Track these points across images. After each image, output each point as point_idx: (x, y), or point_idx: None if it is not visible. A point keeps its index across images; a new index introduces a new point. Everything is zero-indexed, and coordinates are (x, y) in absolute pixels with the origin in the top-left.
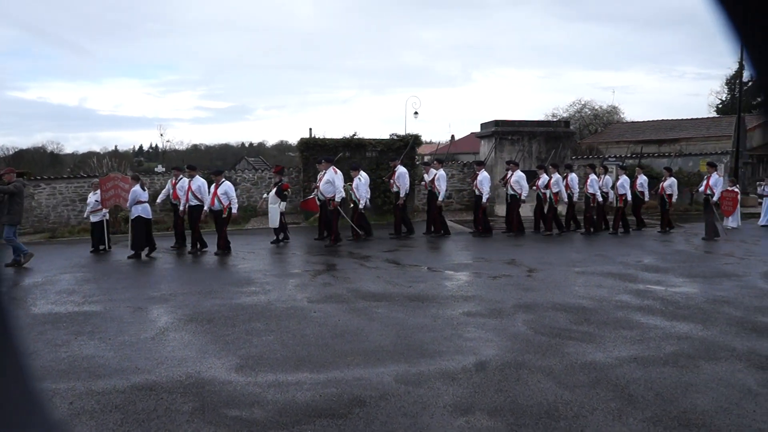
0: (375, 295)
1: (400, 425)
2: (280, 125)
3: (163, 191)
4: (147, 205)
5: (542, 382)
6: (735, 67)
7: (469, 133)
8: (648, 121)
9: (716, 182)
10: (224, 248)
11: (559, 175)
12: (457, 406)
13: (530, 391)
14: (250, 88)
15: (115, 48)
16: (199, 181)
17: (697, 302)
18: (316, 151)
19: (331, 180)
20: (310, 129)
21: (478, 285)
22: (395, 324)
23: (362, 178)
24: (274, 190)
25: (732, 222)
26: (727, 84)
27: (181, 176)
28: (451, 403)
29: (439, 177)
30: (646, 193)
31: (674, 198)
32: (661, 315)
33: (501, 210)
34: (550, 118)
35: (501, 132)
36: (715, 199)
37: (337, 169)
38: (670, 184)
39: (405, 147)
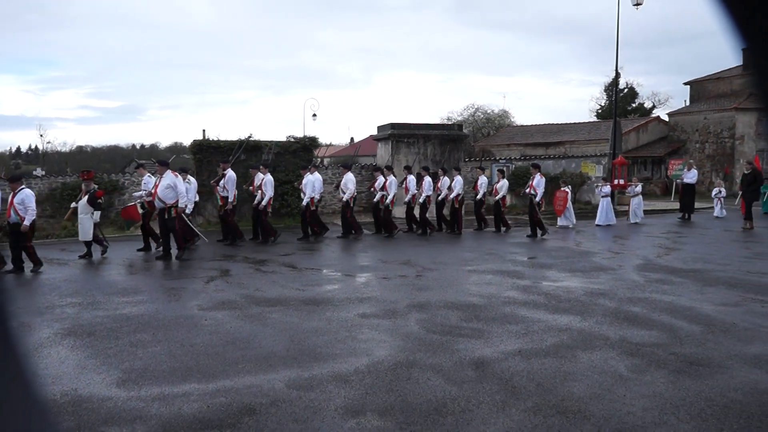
0: (269, 300)
1: (290, 431)
2: (174, 126)
3: None
4: None
5: (432, 379)
6: (612, 75)
7: (368, 135)
8: (536, 124)
9: (539, 183)
10: (36, 263)
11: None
12: (348, 408)
13: (420, 389)
14: (143, 86)
15: None
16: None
17: (576, 295)
18: (210, 154)
19: (172, 185)
20: (204, 130)
21: (373, 286)
22: (289, 329)
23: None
24: (86, 198)
25: (564, 221)
26: (605, 90)
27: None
28: (342, 406)
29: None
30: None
31: (504, 199)
32: (544, 309)
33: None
34: (445, 122)
35: (397, 135)
36: (537, 199)
37: (177, 173)
38: (501, 185)
39: (302, 149)
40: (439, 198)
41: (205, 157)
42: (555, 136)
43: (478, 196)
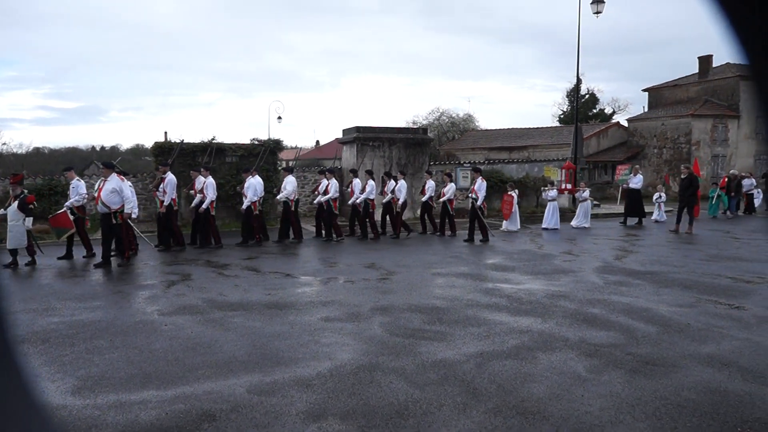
0: (232, 304)
1: None
2: (136, 128)
3: None
4: None
5: (394, 382)
6: (574, 81)
7: (333, 138)
8: (500, 129)
9: (480, 187)
10: None
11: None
12: (309, 413)
13: (383, 392)
14: (104, 87)
15: None
16: None
17: (537, 298)
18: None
19: (117, 188)
20: (166, 133)
21: (337, 290)
22: (251, 333)
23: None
24: (15, 203)
25: (510, 225)
26: (567, 96)
27: None
28: (304, 410)
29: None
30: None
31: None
32: (506, 311)
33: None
34: (411, 125)
35: (362, 138)
36: (479, 203)
37: (123, 177)
38: (447, 189)
39: (266, 152)
40: (383, 201)
41: (167, 160)
42: (519, 140)
43: (423, 198)
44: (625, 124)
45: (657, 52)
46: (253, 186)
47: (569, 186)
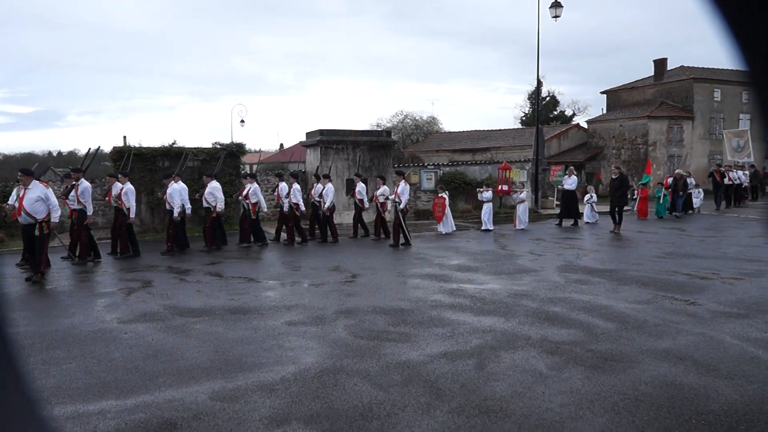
0: (194, 310)
1: None
2: (95, 133)
3: None
4: None
5: (359, 385)
6: (535, 83)
7: (298, 142)
8: (463, 131)
9: (403, 190)
10: None
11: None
12: (273, 418)
13: (347, 395)
14: (62, 91)
15: None
16: None
17: (500, 297)
18: (132, 161)
19: (42, 197)
20: (125, 137)
21: (301, 293)
22: (214, 339)
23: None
24: None
25: (443, 228)
26: (528, 98)
27: None
28: (267, 416)
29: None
30: (365, 200)
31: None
32: (470, 311)
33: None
34: (375, 128)
35: (326, 141)
36: (401, 206)
37: (47, 184)
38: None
39: (229, 156)
40: (325, 207)
41: (126, 165)
42: (481, 142)
43: (365, 204)
44: (585, 125)
45: (614, 55)
46: (177, 192)
47: (505, 187)
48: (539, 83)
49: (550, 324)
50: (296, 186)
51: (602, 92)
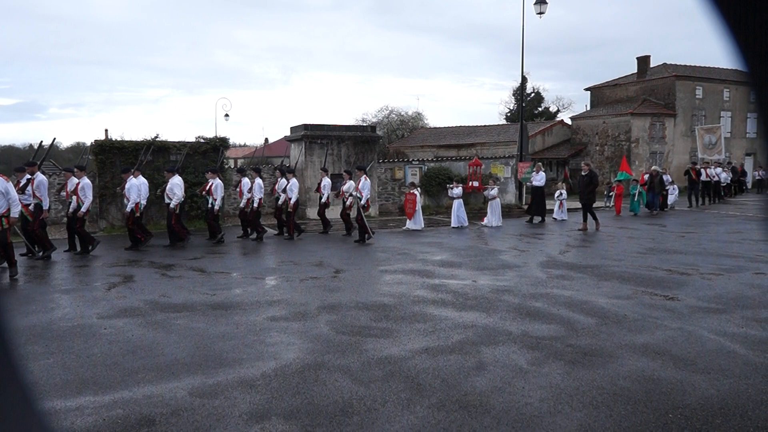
0: (175, 305)
1: None
2: (77, 125)
3: None
4: None
5: (340, 380)
6: (519, 80)
7: (282, 136)
8: (448, 126)
9: (364, 185)
10: None
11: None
12: (253, 414)
13: (327, 390)
14: (43, 83)
15: None
16: None
17: (483, 293)
18: (113, 155)
19: (2, 191)
20: (106, 130)
21: (284, 289)
22: (195, 335)
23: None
24: None
25: (413, 224)
26: (514, 95)
27: None
28: (247, 412)
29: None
30: (326, 195)
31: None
32: (452, 306)
33: (312, 213)
34: (360, 123)
35: (310, 136)
36: (362, 202)
37: (7, 178)
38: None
39: (213, 150)
40: (279, 202)
41: (108, 158)
42: (466, 138)
43: (323, 200)
44: (569, 122)
45: (598, 51)
46: (135, 187)
47: (476, 183)
48: (524, 79)
49: (532, 319)
50: (258, 181)
51: (586, 89)
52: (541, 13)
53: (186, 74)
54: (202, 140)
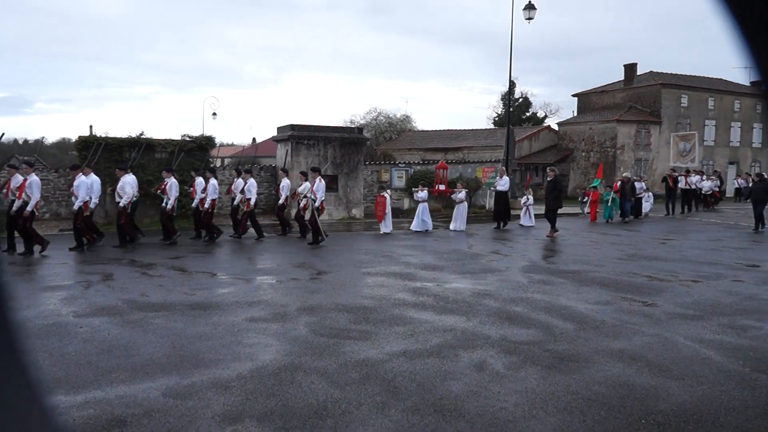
0: (154, 305)
1: None
2: (64, 121)
3: None
4: None
5: (315, 382)
6: (507, 85)
7: (270, 136)
8: (436, 130)
9: (318, 187)
10: None
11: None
12: (226, 416)
13: (302, 392)
14: (30, 77)
15: None
16: None
17: (463, 296)
18: (97, 151)
19: None
20: (91, 127)
21: (264, 289)
22: (172, 335)
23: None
24: None
25: (384, 227)
26: (502, 99)
27: None
28: (220, 413)
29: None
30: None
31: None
32: (432, 310)
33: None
34: (348, 125)
35: (297, 136)
36: (317, 204)
37: None
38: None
39: (198, 149)
40: (234, 203)
41: (94, 157)
42: (454, 141)
43: (280, 201)
44: (556, 127)
45: (586, 58)
46: (85, 185)
47: (442, 187)
48: (512, 84)
49: (511, 324)
50: (213, 181)
51: (574, 95)
52: (530, 18)
53: (176, 72)
54: (187, 138)
